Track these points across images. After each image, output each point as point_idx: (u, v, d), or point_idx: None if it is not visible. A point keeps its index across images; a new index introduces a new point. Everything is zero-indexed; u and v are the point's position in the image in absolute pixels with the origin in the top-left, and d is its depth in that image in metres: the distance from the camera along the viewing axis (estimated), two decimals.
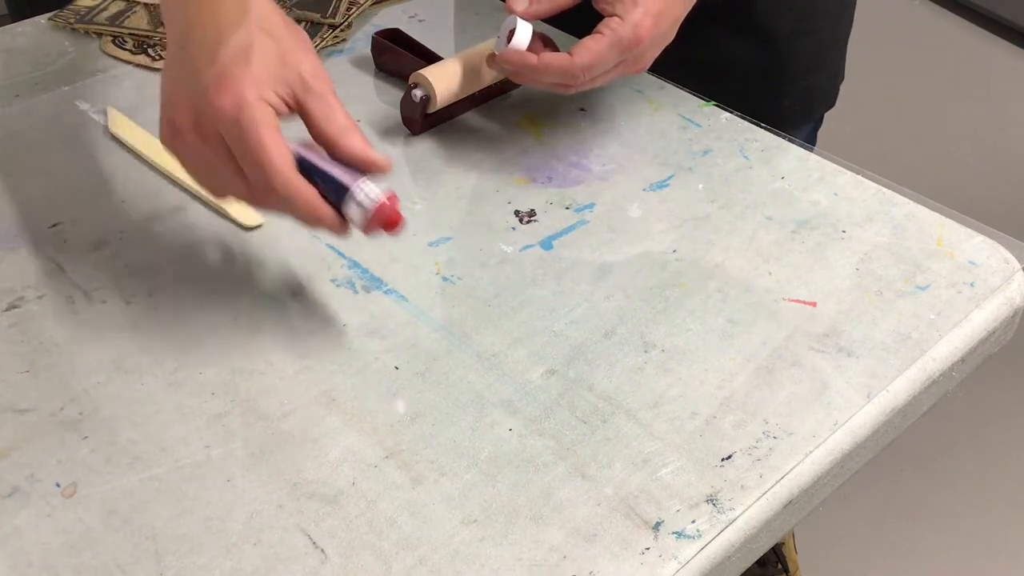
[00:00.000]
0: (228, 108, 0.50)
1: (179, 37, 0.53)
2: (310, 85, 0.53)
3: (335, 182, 0.52)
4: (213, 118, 0.50)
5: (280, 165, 0.50)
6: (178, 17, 0.53)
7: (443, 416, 0.52)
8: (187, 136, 0.52)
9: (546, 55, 0.65)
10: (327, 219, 0.53)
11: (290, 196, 0.51)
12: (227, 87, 0.50)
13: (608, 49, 0.64)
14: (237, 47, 0.51)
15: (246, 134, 0.50)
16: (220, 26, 0.52)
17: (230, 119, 0.50)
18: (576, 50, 0.64)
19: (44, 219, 0.65)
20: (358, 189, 0.52)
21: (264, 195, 0.52)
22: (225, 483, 0.49)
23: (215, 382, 0.54)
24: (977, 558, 1.46)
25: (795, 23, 0.85)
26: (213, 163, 0.52)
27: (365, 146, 0.53)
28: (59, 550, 0.46)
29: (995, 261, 0.62)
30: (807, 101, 0.91)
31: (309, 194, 0.52)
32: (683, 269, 0.61)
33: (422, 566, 0.46)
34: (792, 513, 0.50)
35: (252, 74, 0.51)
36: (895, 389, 0.54)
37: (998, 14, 2.53)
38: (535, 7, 0.67)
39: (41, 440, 0.51)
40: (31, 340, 0.57)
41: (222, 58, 0.51)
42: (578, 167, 0.70)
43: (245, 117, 0.50)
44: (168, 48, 0.55)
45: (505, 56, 0.67)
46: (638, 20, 0.63)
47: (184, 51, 0.52)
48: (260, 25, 0.53)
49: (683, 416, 0.52)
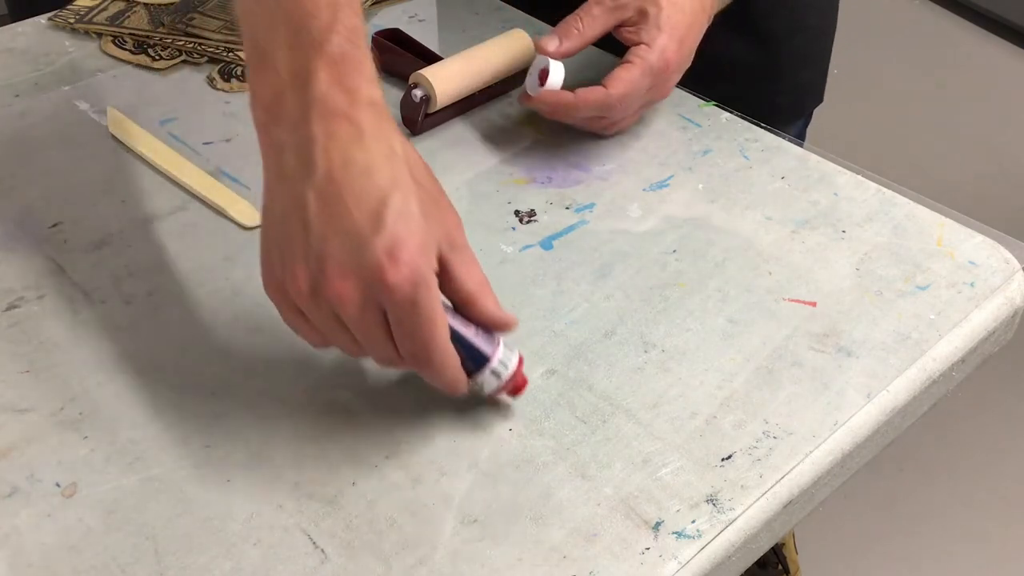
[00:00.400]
0: (406, 287, 0.44)
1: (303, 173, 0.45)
2: (456, 242, 0.48)
3: (476, 351, 0.49)
4: (384, 295, 0.45)
5: (444, 344, 0.47)
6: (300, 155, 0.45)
7: (443, 416, 0.52)
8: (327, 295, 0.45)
9: (581, 91, 0.66)
10: (461, 386, 0.50)
11: (443, 371, 0.48)
12: (403, 261, 0.44)
13: (640, 77, 0.65)
14: (402, 209, 0.45)
15: (420, 313, 0.45)
16: (376, 180, 0.45)
17: (407, 299, 0.44)
18: (609, 82, 0.65)
19: (44, 219, 0.65)
20: (497, 361, 0.50)
21: (410, 363, 0.48)
22: (225, 483, 0.49)
23: (215, 382, 0.54)
24: (977, 558, 1.46)
25: (789, 20, 0.85)
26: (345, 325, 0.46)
27: (497, 306, 0.50)
28: (59, 550, 0.46)
29: (995, 261, 0.62)
30: (798, 97, 0.91)
31: (456, 365, 0.48)
32: (683, 269, 0.61)
33: (422, 566, 0.46)
34: (792, 513, 0.50)
35: (422, 243, 0.45)
36: (895, 389, 0.54)
37: (998, 14, 2.53)
38: (565, 45, 0.68)
39: (41, 440, 0.51)
40: (31, 340, 0.57)
41: (389, 223, 0.44)
42: (578, 167, 0.70)
43: (423, 297, 0.45)
44: (274, 184, 0.47)
45: (542, 97, 0.67)
46: (664, 45, 0.65)
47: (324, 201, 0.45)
48: (413, 174, 0.46)
49: (683, 416, 0.52)
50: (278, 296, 0.47)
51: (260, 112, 0.47)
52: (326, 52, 0.45)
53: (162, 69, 0.79)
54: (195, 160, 0.69)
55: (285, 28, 0.46)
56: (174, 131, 0.72)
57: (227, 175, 0.68)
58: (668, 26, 0.66)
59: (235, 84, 0.77)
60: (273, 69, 0.46)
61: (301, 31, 0.45)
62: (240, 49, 0.80)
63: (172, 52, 0.80)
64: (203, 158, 0.70)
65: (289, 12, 0.45)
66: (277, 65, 0.46)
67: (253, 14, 0.47)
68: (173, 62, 0.79)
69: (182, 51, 0.80)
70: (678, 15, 0.66)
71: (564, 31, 0.68)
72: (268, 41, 0.46)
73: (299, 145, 0.45)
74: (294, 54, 0.46)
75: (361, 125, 0.45)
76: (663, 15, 0.66)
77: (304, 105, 0.45)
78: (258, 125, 0.47)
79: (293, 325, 0.48)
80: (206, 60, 0.80)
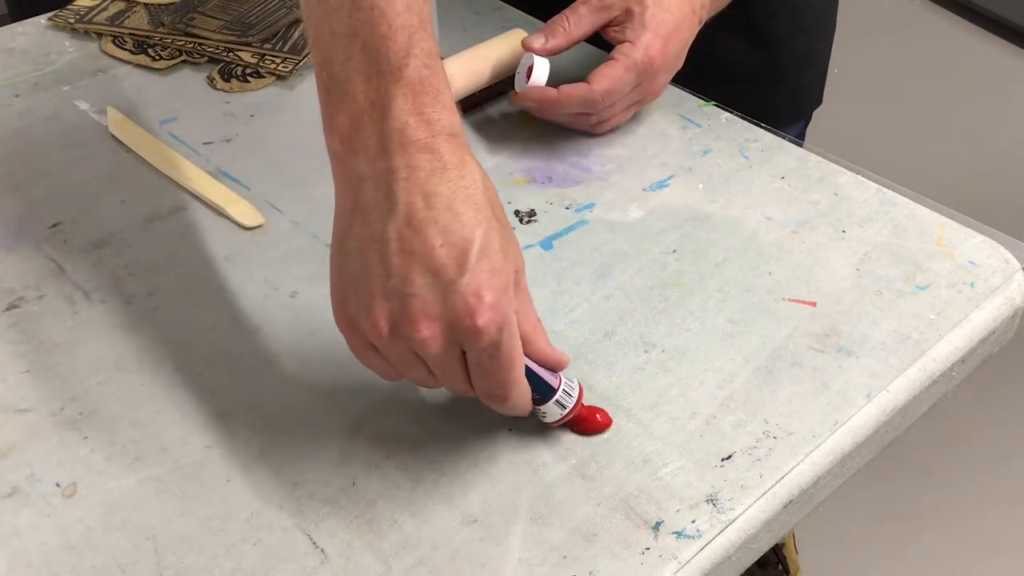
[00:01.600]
0: (492, 331, 0.43)
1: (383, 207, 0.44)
2: (520, 282, 0.47)
3: (544, 384, 0.49)
4: (468, 338, 0.43)
5: (522, 383, 0.47)
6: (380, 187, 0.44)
7: (443, 416, 0.52)
8: (409, 334, 0.44)
9: (565, 87, 0.67)
10: (525, 413, 0.49)
11: (516, 407, 0.48)
12: (488, 304, 0.43)
13: (624, 73, 0.66)
14: (487, 247, 0.43)
15: (502, 355, 0.44)
16: (461, 217, 0.43)
17: (492, 343, 0.44)
18: (593, 78, 0.67)
19: (44, 219, 0.65)
20: (561, 391, 0.50)
21: (485, 399, 0.47)
22: (225, 483, 0.49)
23: (215, 382, 0.54)
24: (977, 558, 1.46)
25: (789, 22, 0.85)
26: (422, 361, 0.46)
27: (550, 346, 0.49)
28: (59, 550, 0.46)
29: (995, 261, 0.62)
30: (798, 99, 0.91)
31: (528, 400, 0.48)
32: (683, 269, 0.61)
33: (422, 566, 0.46)
34: (792, 513, 0.50)
35: (505, 284, 0.44)
36: (895, 389, 0.54)
37: (998, 14, 2.52)
38: (551, 43, 0.69)
39: (41, 440, 0.51)
40: (31, 340, 0.57)
41: (473, 264, 0.43)
42: (578, 167, 0.70)
43: (508, 342, 0.44)
44: (349, 216, 0.45)
45: (526, 93, 0.69)
46: (648, 42, 0.66)
47: (407, 238, 0.43)
48: (492, 209, 0.45)
49: (683, 416, 0.52)
50: (351, 332, 0.46)
51: (336, 142, 0.45)
52: (404, 78, 0.44)
53: (162, 69, 0.79)
54: (195, 160, 0.69)
55: (361, 54, 0.44)
56: (174, 131, 0.72)
57: (227, 175, 0.68)
58: (653, 24, 0.67)
59: (235, 84, 0.77)
60: (350, 97, 0.44)
61: (379, 57, 0.44)
62: (240, 49, 0.80)
63: (172, 52, 0.80)
64: (203, 158, 0.70)
65: (365, 38, 0.44)
66: (354, 92, 0.44)
67: (325, 38, 0.45)
68: (173, 62, 0.80)
69: (182, 51, 0.80)
70: (664, 14, 0.67)
71: (550, 30, 0.69)
72: (343, 66, 0.44)
73: (378, 177, 0.44)
74: (371, 82, 0.44)
75: (443, 157, 0.44)
76: (648, 13, 0.67)
77: (384, 136, 0.44)
78: (333, 155, 0.46)
79: (365, 360, 0.47)
80: (206, 60, 0.80)
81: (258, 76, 0.78)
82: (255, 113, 0.74)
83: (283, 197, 0.66)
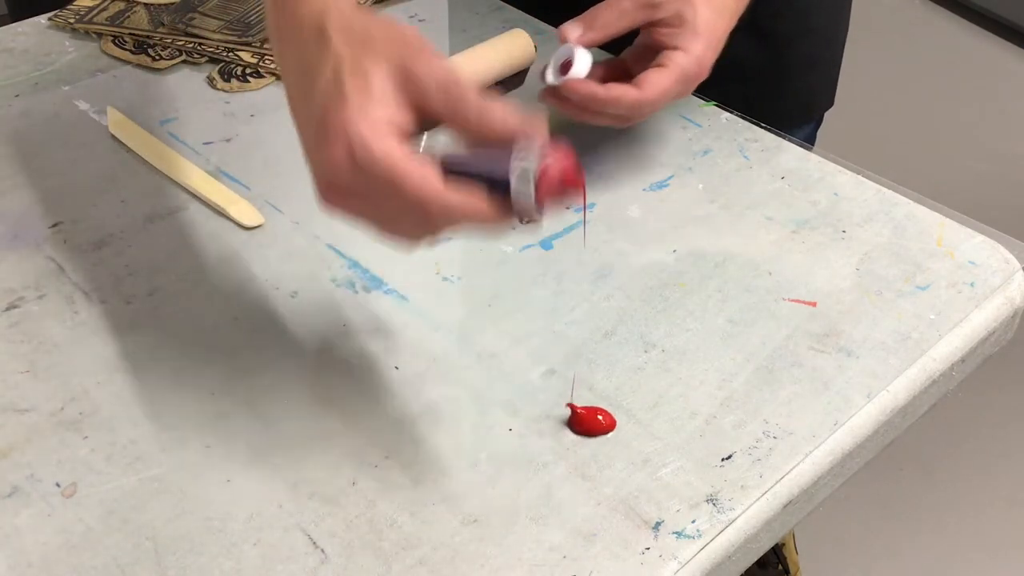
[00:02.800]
0: (342, 160, 0.43)
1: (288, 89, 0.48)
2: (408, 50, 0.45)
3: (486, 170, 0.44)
4: (337, 176, 0.44)
5: (421, 183, 0.43)
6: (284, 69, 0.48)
7: (443, 416, 0.52)
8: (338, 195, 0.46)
9: (615, 87, 0.61)
10: (497, 219, 0.45)
11: (449, 208, 0.44)
12: (333, 136, 0.43)
13: (675, 84, 0.61)
14: (327, 81, 0.44)
15: (372, 171, 0.43)
16: (308, 62, 0.45)
17: (349, 169, 0.43)
18: (643, 84, 0.61)
19: (44, 219, 0.65)
20: (515, 163, 0.43)
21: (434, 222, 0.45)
22: (225, 483, 0.49)
23: (215, 382, 0.54)
24: (977, 558, 1.46)
25: (796, 22, 0.85)
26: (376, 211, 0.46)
27: (506, 118, 0.45)
28: (59, 550, 0.46)
29: (995, 261, 0.62)
30: (806, 100, 0.91)
31: (465, 198, 0.44)
32: (683, 269, 0.61)
33: (422, 566, 0.46)
34: (792, 513, 0.50)
35: (351, 109, 0.44)
36: (895, 389, 0.54)
37: (998, 14, 2.53)
38: (589, 36, 0.63)
39: (41, 440, 0.51)
40: (31, 340, 0.57)
41: (317, 102, 0.44)
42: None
43: (362, 159, 0.43)
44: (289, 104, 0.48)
45: (571, 86, 0.61)
46: (701, 53, 0.62)
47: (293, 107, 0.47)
48: (346, 40, 0.45)
49: (683, 416, 0.52)
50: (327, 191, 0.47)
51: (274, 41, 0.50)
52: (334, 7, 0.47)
53: (162, 69, 0.79)
54: (195, 160, 0.69)
55: None
56: (174, 131, 0.72)
57: (227, 175, 0.68)
58: (706, 32, 0.62)
59: (235, 84, 0.77)
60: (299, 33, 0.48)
61: None
62: (240, 49, 0.80)
63: (172, 52, 0.80)
64: (203, 158, 0.70)
65: None
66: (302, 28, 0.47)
67: None
68: (173, 62, 0.79)
69: (182, 51, 0.80)
70: (716, 20, 0.63)
71: (590, 21, 0.63)
72: None
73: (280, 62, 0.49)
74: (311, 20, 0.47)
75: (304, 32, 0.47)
76: (699, 19, 0.62)
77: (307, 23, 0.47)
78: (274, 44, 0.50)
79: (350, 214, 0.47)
80: (206, 60, 0.80)
81: (258, 76, 0.78)
82: (255, 113, 0.74)
83: (283, 197, 0.66)
